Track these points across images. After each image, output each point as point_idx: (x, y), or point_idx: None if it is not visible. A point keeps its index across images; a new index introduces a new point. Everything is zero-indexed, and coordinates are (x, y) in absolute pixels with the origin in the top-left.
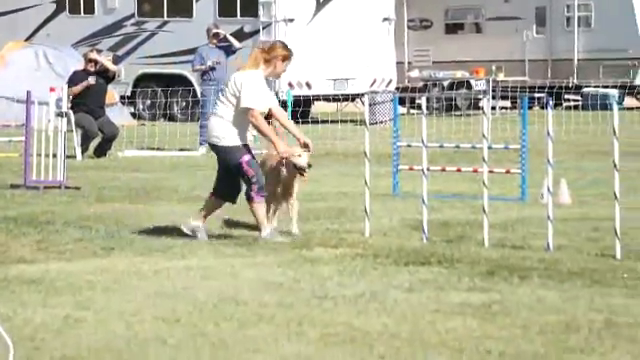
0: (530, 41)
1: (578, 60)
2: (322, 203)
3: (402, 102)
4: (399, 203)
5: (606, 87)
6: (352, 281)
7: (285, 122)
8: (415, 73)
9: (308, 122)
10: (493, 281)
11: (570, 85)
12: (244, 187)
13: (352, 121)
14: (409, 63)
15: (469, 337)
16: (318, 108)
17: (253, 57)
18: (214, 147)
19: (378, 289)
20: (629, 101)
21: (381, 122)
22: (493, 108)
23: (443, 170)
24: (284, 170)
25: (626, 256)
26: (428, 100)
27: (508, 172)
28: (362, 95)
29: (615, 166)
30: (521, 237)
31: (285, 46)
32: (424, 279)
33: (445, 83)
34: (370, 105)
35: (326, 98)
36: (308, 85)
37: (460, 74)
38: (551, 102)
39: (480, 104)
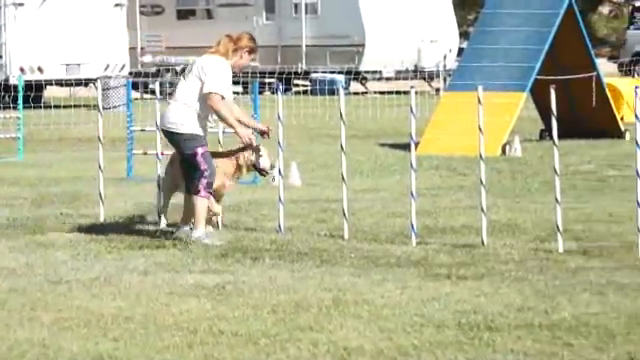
0: (260, 27)
1: (306, 46)
2: (56, 188)
3: (135, 87)
4: (133, 187)
5: (333, 73)
6: (87, 265)
7: (238, 112)
8: (148, 58)
9: (40, 107)
10: (226, 263)
11: (299, 71)
12: None
13: (85, 106)
14: (142, 48)
15: (203, 318)
16: (51, 93)
17: (222, 45)
18: (169, 134)
19: (113, 272)
20: (355, 86)
21: (115, 107)
22: None
23: None
24: (244, 170)
25: (353, 236)
26: (161, 85)
27: None
28: (95, 80)
29: (342, 149)
30: (253, 219)
31: (252, 38)
32: (159, 262)
33: (178, 68)
34: (103, 90)
35: (59, 83)
36: (40, 70)
37: (192, 59)
38: (281, 87)
39: None
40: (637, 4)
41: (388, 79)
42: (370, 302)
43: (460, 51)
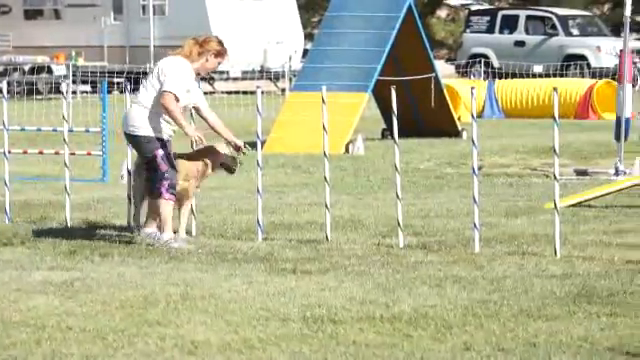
0: (108, 28)
1: (154, 47)
2: None
3: None
4: None
5: None
6: None
7: (213, 121)
8: None
9: None
10: (75, 260)
11: (147, 71)
12: None
13: None
14: None
15: (51, 314)
16: None
17: (186, 47)
18: (130, 137)
19: None
20: (202, 86)
21: None
22: (74, 92)
23: (25, 152)
24: (209, 169)
25: (201, 233)
26: (9, 84)
27: (89, 154)
28: None
29: (192, 147)
30: (102, 217)
31: (220, 42)
32: (7, 259)
33: (26, 67)
34: None
35: None
36: None
37: (41, 59)
38: (129, 86)
39: (61, 88)
40: (473, 8)
41: (235, 79)
42: (217, 297)
43: (305, 52)
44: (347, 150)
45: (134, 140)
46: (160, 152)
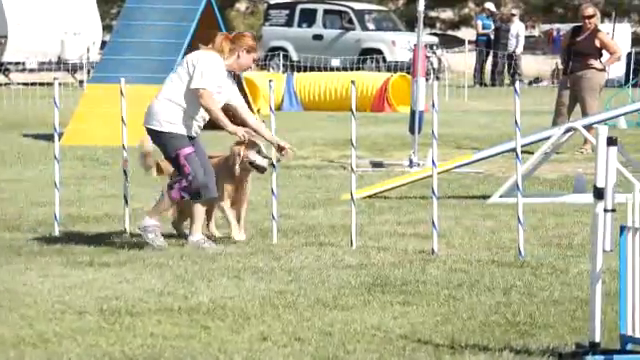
0: None
1: None
2: None
3: None
4: None
5: None
6: None
7: (253, 123)
8: None
9: None
10: None
11: None
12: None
13: None
14: None
15: None
16: None
17: (217, 42)
18: (153, 133)
19: None
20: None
21: None
22: None
23: None
24: (237, 169)
25: None
26: None
27: None
28: None
29: None
30: None
31: (254, 37)
32: None
33: None
34: None
35: None
36: None
37: None
38: None
39: None
40: (271, 2)
41: (31, 70)
42: (11, 291)
43: (104, 44)
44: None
45: (157, 136)
46: (185, 151)
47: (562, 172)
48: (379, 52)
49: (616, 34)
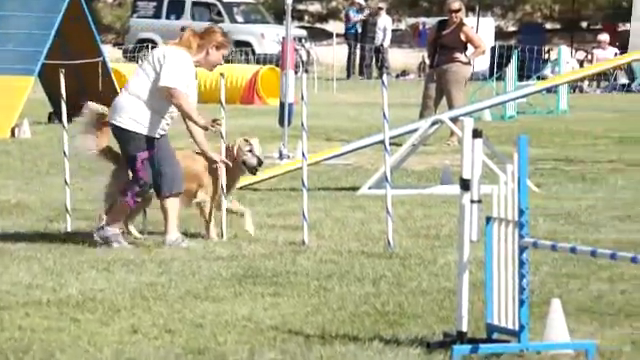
0: None
1: None
2: None
3: None
4: None
5: None
6: None
7: (196, 133)
8: None
9: None
10: None
11: None
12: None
13: None
14: None
15: None
16: None
17: (184, 38)
18: (116, 129)
19: None
20: None
21: None
22: None
23: None
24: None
25: None
26: None
27: None
28: None
29: None
30: None
31: (223, 33)
32: None
33: None
34: None
35: None
36: None
37: None
38: None
39: None
40: None
41: None
42: None
43: None
44: (13, 134)
45: (119, 133)
46: (143, 155)
47: (429, 164)
48: (248, 45)
49: (480, 28)
